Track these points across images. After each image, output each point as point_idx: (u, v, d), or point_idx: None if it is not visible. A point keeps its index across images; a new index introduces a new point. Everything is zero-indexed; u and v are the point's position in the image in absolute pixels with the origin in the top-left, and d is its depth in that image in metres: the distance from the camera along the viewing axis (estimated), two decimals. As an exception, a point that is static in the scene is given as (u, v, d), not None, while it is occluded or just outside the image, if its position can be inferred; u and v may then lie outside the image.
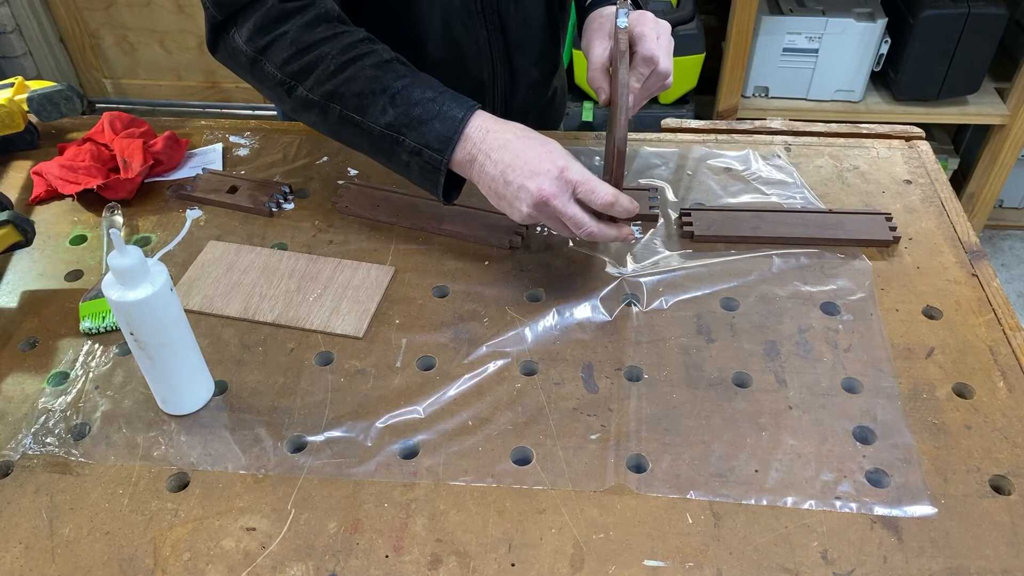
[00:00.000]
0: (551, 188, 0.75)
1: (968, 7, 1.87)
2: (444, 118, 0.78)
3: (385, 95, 0.79)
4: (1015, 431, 0.71)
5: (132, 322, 0.66)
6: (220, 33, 0.84)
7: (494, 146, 0.77)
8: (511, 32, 0.99)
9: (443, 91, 0.80)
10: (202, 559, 0.63)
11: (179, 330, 0.69)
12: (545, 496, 0.67)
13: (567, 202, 0.76)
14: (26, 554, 0.64)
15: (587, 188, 0.76)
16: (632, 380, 0.76)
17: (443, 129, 0.77)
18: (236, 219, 0.95)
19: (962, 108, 2.06)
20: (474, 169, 0.78)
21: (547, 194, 0.75)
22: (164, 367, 0.70)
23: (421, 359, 0.78)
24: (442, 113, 0.78)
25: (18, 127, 1.01)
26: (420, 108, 0.78)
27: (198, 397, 0.74)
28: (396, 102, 0.79)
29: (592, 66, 0.88)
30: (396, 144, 0.79)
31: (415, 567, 0.62)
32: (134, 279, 0.64)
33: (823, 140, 1.05)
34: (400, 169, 0.82)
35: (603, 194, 0.75)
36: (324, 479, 0.68)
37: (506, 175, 0.76)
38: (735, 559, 0.63)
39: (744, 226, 0.90)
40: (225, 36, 0.84)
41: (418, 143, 0.78)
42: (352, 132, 0.81)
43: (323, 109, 0.81)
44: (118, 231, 0.63)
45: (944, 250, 0.89)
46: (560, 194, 0.75)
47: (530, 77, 1.06)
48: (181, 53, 2.56)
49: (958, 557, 0.62)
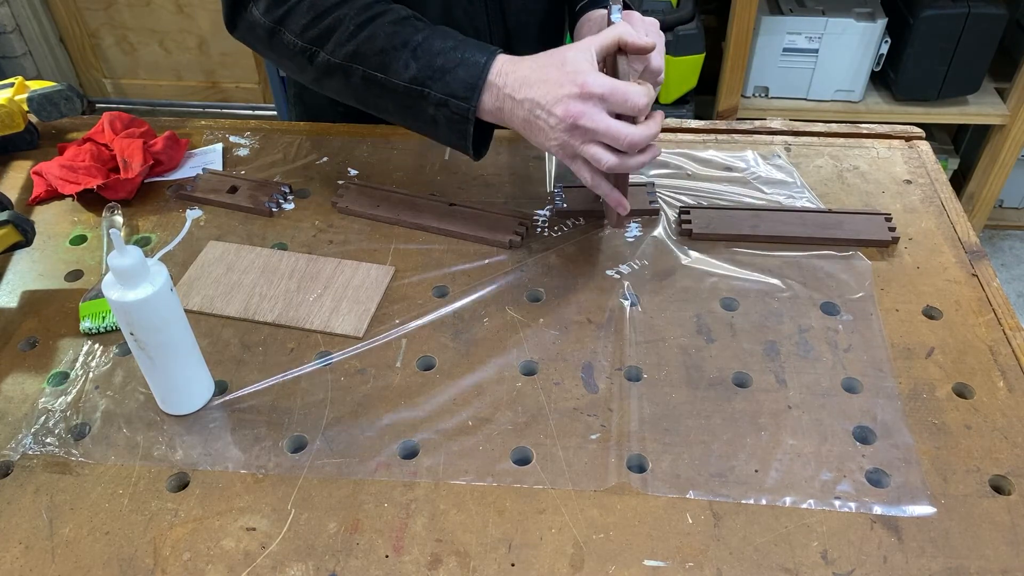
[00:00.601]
0: (577, 108, 0.72)
1: (968, 7, 1.87)
2: (467, 64, 0.77)
3: (407, 49, 0.78)
4: (1015, 431, 0.71)
5: (132, 322, 0.66)
6: (237, 10, 0.85)
7: (516, 87, 0.76)
8: (511, 18, 0.99)
9: (463, 39, 0.79)
10: (202, 559, 0.63)
11: (179, 330, 0.69)
12: (545, 496, 0.67)
13: (598, 116, 0.72)
14: (26, 554, 0.64)
15: (618, 95, 0.72)
16: (632, 380, 0.76)
17: (467, 76, 0.77)
18: (236, 219, 0.95)
19: (962, 108, 2.06)
20: (504, 114, 0.77)
21: (574, 113, 0.72)
22: (164, 367, 0.70)
23: (421, 359, 0.78)
24: (465, 60, 0.77)
25: (18, 127, 1.01)
26: (443, 58, 0.78)
27: (198, 397, 0.74)
28: (418, 55, 0.78)
29: None
30: (421, 99, 0.79)
31: (415, 567, 0.62)
32: (134, 279, 0.64)
33: (823, 140, 1.05)
34: (428, 128, 0.82)
35: (635, 95, 0.72)
36: (324, 479, 0.68)
37: (534, 112, 0.75)
38: (735, 559, 0.63)
39: (743, 225, 0.90)
40: (243, 12, 0.85)
41: (444, 93, 0.78)
42: (376, 92, 0.81)
43: (346, 72, 0.81)
44: (118, 231, 0.63)
45: (944, 250, 0.89)
46: (588, 111, 0.72)
47: None
48: (181, 53, 2.57)
49: (958, 557, 0.62)
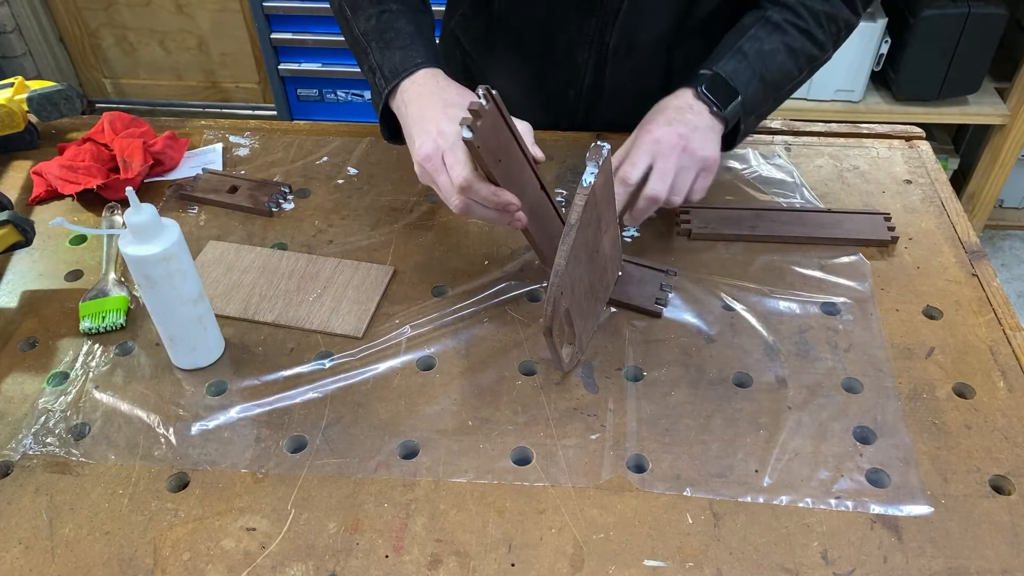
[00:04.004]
0: (426, 149, 0.73)
1: (968, 7, 1.87)
2: (406, 54, 0.81)
3: (377, 7, 0.84)
4: (1015, 431, 0.71)
5: (149, 275, 0.70)
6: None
7: (412, 98, 0.79)
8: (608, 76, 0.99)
9: (423, 34, 0.84)
10: (202, 559, 0.63)
11: (191, 282, 0.73)
12: (545, 496, 0.67)
13: (438, 167, 0.73)
14: (26, 554, 0.64)
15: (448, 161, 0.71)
16: (632, 380, 0.76)
17: (400, 63, 0.81)
18: (236, 219, 0.95)
19: (962, 108, 2.06)
20: (400, 117, 0.81)
21: (422, 155, 0.74)
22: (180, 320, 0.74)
23: (421, 359, 0.78)
24: (406, 48, 0.81)
25: (18, 127, 1.01)
26: (393, 34, 0.82)
27: (213, 351, 0.78)
28: (382, 18, 0.84)
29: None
30: (363, 54, 0.85)
31: (415, 567, 0.63)
32: (149, 234, 0.69)
33: (823, 140, 1.05)
34: (366, 77, 0.86)
35: (455, 176, 0.71)
36: (324, 479, 0.68)
37: (410, 129, 0.77)
38: (735, 559, 0.63)
39: (742, 225, 0.90)
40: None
41: (377, 63, 0.83)
42: (343, 22, 0.88)
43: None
44: (133, 189, 0.67)
45: (944, 250, 0.89)
46: (434, 156, 0.73)
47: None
48: (181, 53, 2.56)
49: (958, 557, 0.62)
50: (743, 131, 0.89)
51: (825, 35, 0.88)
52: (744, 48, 0.86)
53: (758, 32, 0.87)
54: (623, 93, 1.00)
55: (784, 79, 0.88)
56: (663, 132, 0.81)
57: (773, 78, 0.87)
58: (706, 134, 0.83)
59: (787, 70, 0.87)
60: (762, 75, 0.86)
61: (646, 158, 0.81)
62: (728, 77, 0.84)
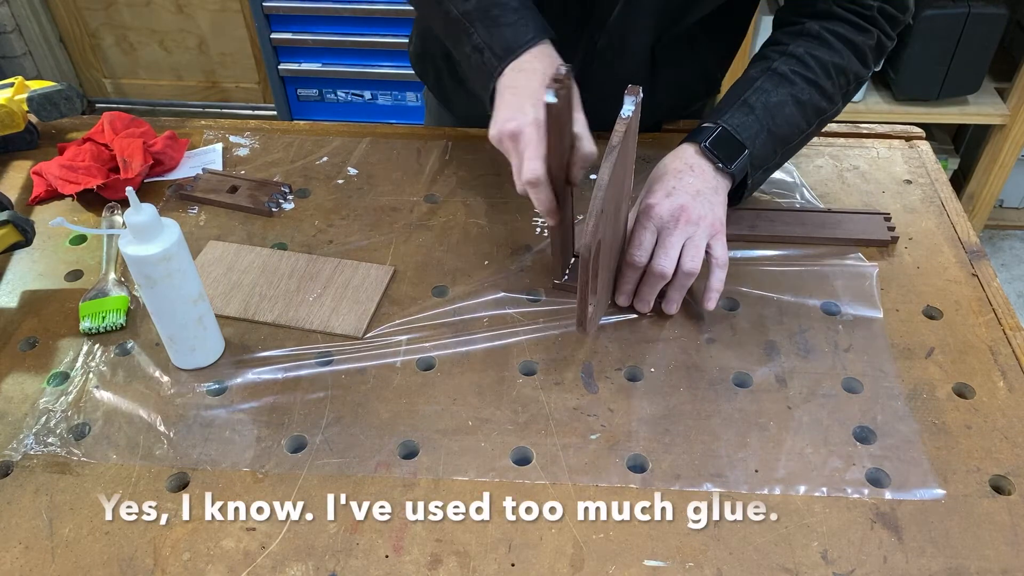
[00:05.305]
0: (511, 126, 0.74)
1: (968, 7, 1.87)
2: (516, 30, 0.78)
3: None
4: (1015, 431, 0.71)
5: (149, 275, 0.70)
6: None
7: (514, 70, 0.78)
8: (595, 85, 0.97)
9: (528, 6, 0.81)
10: (202, 559, 0.63)
11: (191, 281, 0.73)
12: (545, 496, 0.67)
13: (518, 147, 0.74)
14: (26, 554, 0.64)
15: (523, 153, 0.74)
16: (632, 380, 0.76)
17: (512, 39, 0.78)
18: (236, 219, 0.95)
19: (962, 108, 2.06)
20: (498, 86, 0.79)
21: (507, 129, 0.74)
22: (180, 320, 0.74)
23: (421, 359, 0.78)
24: (516, 24, 0.79)
25: (18, 127, 1.01)
26: (499, 10, 0.79)
27: (211, 352, 0.78)
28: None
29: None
30: (465, 34, 0.81)
31: (415, 567, 0.63)
32: (149, 234, 0.69)
33: (823, 140, 1.05)
34: (462, 60, 0.84)
35: (526, 171, 0.73)
36: (324, 479, 0.68)
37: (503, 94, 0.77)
38: (735, 559, 0.63)
39: (742, 225, 0.90)
40: None
41: (485, 41, 0.79)
42: (433, 4, 0.84)
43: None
44: (133, 189, 0.67)
45: (944, 250, 0.89)
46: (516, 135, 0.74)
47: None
48: (181, 53, 2.56)
49: (958, 557, 0.62)
50: (751, 186, 0.86)
51: (834, 87, 0.85)
52: (750, 100, 0.83)
53: (764, 84, 0.84)
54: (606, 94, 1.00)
55: (792, 133, 0.85)
56: (663, 207, 0.78)
57: (781, 132, 0.84)
58: (708, 197, 0.80)
59: (795, 123, 0.84)
60: (769, 128, 0.83)
61: (650, 236, 0.79)
62: (734, 131, 0.82)
